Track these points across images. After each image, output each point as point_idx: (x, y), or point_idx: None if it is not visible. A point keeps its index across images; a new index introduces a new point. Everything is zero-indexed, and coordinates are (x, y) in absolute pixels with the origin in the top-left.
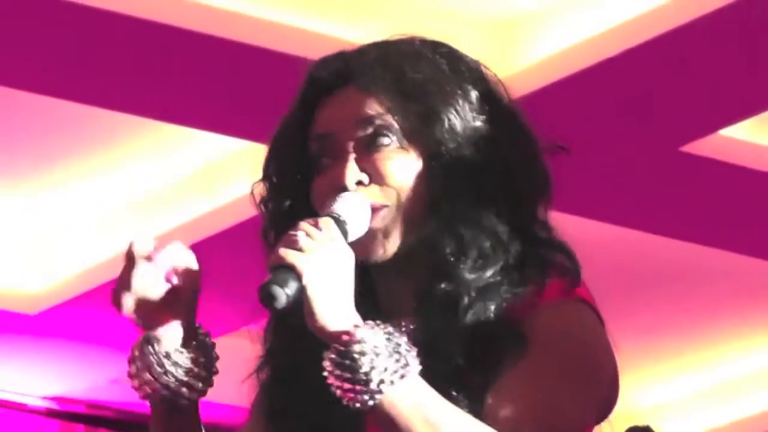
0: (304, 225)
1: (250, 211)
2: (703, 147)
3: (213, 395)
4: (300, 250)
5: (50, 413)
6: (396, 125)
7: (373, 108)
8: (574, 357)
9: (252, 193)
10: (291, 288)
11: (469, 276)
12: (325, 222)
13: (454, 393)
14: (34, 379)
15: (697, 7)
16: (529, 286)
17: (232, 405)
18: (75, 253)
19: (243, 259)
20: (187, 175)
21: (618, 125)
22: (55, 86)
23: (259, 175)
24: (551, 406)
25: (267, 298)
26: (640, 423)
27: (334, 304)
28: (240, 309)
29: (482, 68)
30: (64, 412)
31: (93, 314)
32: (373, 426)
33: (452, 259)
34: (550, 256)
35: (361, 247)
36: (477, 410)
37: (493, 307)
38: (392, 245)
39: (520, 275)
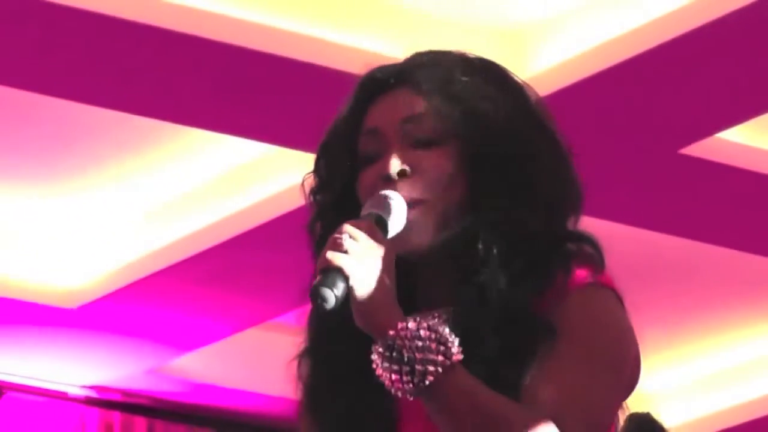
0: (349, 228)
1: (276, 211)
2: (700, 149)
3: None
4: (345, 252)
5: (89, 401)
6: (440, 124)
7: (420, 107)
8: (602, 340)
9: (302, 185)
10: (339, 289)
11: (500, 267)
12: (368, 223)
13: (489, 380)
14: (74, 369)
15: (695, 18)
16: (557, 276)
17: (263, 394)
18: (112, 251)
19: (271, 256)
20: (216, 177)
21: (621, 129)
22: (91, 94)
23: (282, 178)
24: (586, 392)
25: (318, 299)
26: (640, 409)
27: (379, 302)
28: (269, 301)
29: (526, 86)
30: (102, 400)
31: (129, 308)
32: (410, 418)
33: (485, 251)
34: (577, 248)
35: (401, 241)
36: (513, 397)
37: (523, 296)
38: (430, 238)
39: (548, 265)
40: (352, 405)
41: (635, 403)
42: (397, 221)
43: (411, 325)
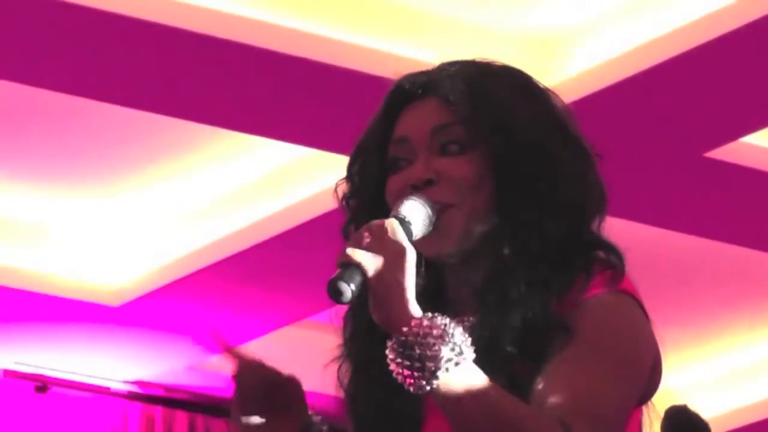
0: (372, 225)
1: (313, 213)
2: (725, 153)
3: None
4: (366, 248)
5: (132, 396)
6: (467, 134)
7: (448, 117)
8: (616, 347)
9: (336, 190)
10: (356, 283)
11: (521, 272)
12: (391, 223)
13: (505, 381)
14: (117, 365)
15: (719, 26)
16: (576, 281)
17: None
18: (154, 251)
19: (308, 255)
20: (255, 179)
21: (648, 133)
22: (140, 100)
23: (320, 180)
24: (595, 395)
25: (334, 293)
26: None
27: (395, 298)
28: (305, 300)
29: (550, 93)
30: (145, 395)
31: (170, 306)
32: (434, 413)
33: (507, 256)
34: (598, 254)
35: (429, 245)
36: (525, 397)
37: (541, 300)
38: (457, 243)
39: (568, 271)
40: (382, 404)
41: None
42: (423, 224)
43: (425, 322)
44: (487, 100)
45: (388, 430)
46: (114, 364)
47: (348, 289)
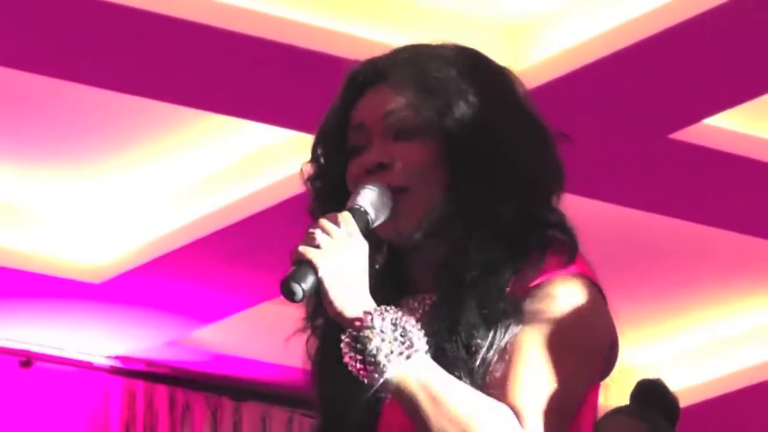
0: (323, 222)
1: (291, 191)
2: (689, 134)
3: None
4: (317, 246)
5: (113, 371)
6: (417, 118)
7: (398, 102)
8: (571, 333)
9: (301, 171)
10: (308, 282)
11: (475, 254)
12: (343, 217)
13: (463, 362)
14: (99, 341)
15: (682, 10)
16: (531, 261)
17: (278, 364)
18: (134, 230)
19: (286, 233)
20: (235, 159)
21: (614, 116)
22: (119, 82)
23: (299, 160)
24: (548, 382)
25: (287, 293)
26: (625, 382)
27: (347, 294)
28: (279, 277)
29: (504, 70)
30: (126, 369)
31: (151, 283)
32: (390, 409)
33: (462, 238)
34: (552, 235)
35: (389, 227)
36: (483, 380)
37: (496, 282)
38: (414, 226)
39: (522, 253)
40: (343, 386)
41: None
42: (380, 210)
43: (375, 315)
44: (434, 83)
45: (348, 410)
46: (96, 340)
47: (299, 289)
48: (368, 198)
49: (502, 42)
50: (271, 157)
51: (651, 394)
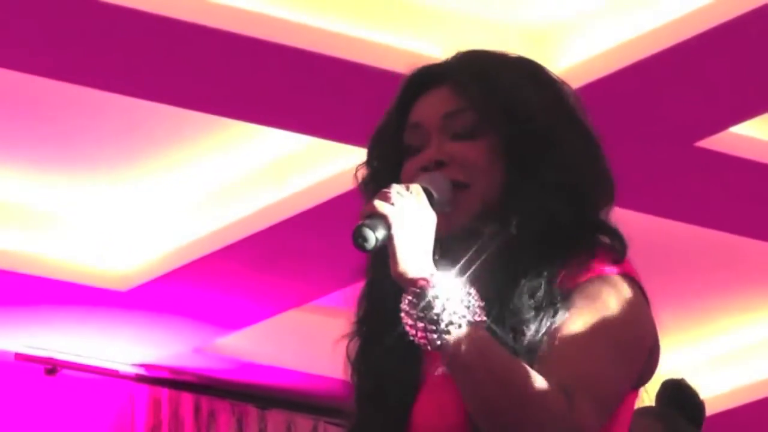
0: (397, 186)
1: (317, 199)
2: (715, 143)
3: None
4: (392, 204)
5: (139, 378)
6: (478, 119)
7: (459, 103)
8: (617, 327)
9: (356, 174)
10: (380, 233)
11: (528, 249)
12: (415, 187)
13: (510, 346)
14: (124, 348)
15: (709, 19)
16: (580, 260)
17: (303, 372)
18: (160, 237)
19: (311, 241)
20: (261, 167)
21: (641, 123)
22: (147, 90)
23: (325, 168)
24: (596, 371)
25: (359, 238)
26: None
27: (415, 253)
28: (309, 284)
29: (560, 82)
30: (151, 377)
31: (177, 290)
32: (428, 389)
33: (515, 233)
34: (601, 238)
35: (443, 222)
36: (528, 364)
37: (545, 273)
38: (468, 222)
39: (572, 250)
40: (380, 376)
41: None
42: (441, 198)
43: (442, 278)
44: (496, 87)
45: (381, 401)
46: (121, 348)
47: (372, 236)
48: (435, 182)
49: (526, 50)
50: (297, 165)
51: (672, 394)
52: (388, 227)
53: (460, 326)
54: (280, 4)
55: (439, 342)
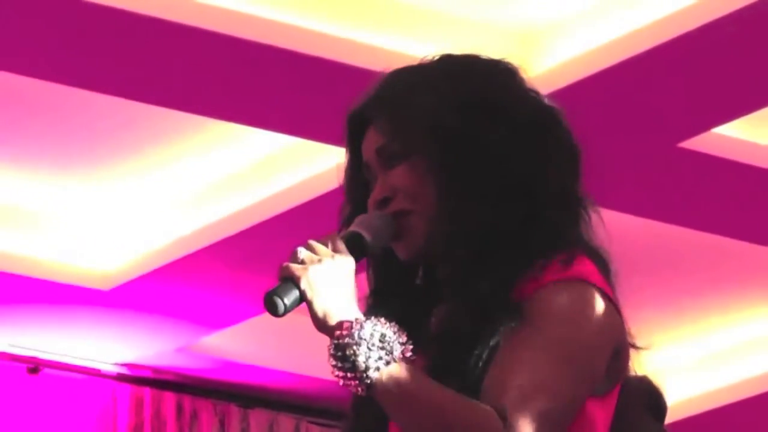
0: (310, 241)
1: (300, 199)
2: (698, 143)
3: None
4: (301, 262)
5: (121, 378)
6: (400, 145)
7: (382, 138)
8: (565, 337)
9: (341, 210)
10: (291, 297)
11: (469, 263)
12: (330, 237)
13: (462, 368)
14: (107, 347)
15: (692, 19)
16: (529, 270)
17: (287, 371)
18: (143, 237)
19: (294, 240)
20: (243, 167)
21: (624, 124)
22: (127, 89)
23: (308, 168)
24: (538, 387)
25: (269, 306)
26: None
27: (330, 306)
28: None
29: (497, 69)
30: (134, 376)
31: (159, 290)
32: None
33: (456, 249)
34: (551, 241)
35: (398, 249)
36: (479, 385)
37: (490, 288)
38: (421, 244)
39: (519, 260)
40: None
41: None
42: (380, 232)
43: (355, 325)
44: (415, 111)
45: (365, 406)
46: (104, 347)
47: (281, 303)
48: (362, 222)
49: (512, 49)
50: (280, 165)
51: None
52: (299, 286)
53: (377, 369)
54: (264, 4)
55: (360, 388)
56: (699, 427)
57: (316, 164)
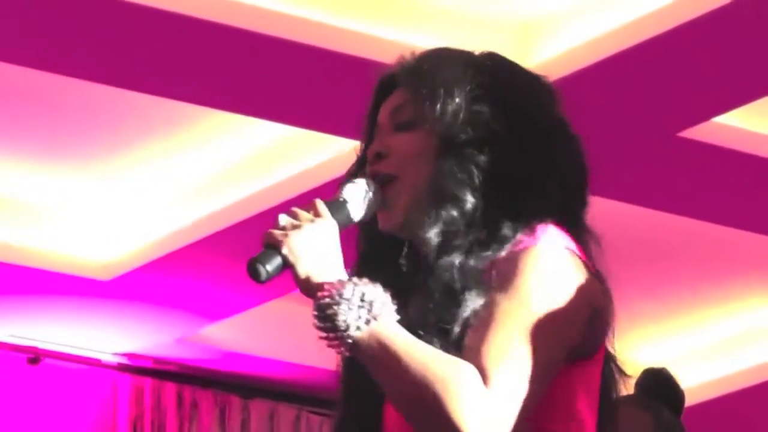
0: (292, 208)
1: (299, 189)
2: (697, 133)
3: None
4: (283, 229)
5: (121, 368)
6: (414, 112)
7: (400, 102)
8: (527, 301)
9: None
10: (273, 263)
11: (441, 243)
12: (315, 203)
13: (442, 333)
14: (107, 337)
15: (691, 9)
16: (504, 245)
17: (286, 361)
18: (143, 227)
19: None
20: (242, 157)
21: (623, 113)
22: (127, 80)
23: (308, 157)
24: (516, 347)
25: (252, 273)
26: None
27: (311, 269)
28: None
29: (530, 81)
30: (134, 367)
31: (160, 280)
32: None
33: (429, 224)
34: (528, 218)
35: (382, 220)
36: (460, 344)
37: (458, 264)
38: (403, 215)
39: (490, 240)
40: (355, 374)
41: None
42: (365, 201)
43: (336, 286)
44: (435, 82)
45: (357, 394)
46: (104, 337)
47: (263, 270)
48: (349, 189)
49: (510, 40)
50: (280, 155)
51: (656, 383)
52: (281, 253)
53: (358, 328)
54: None
55: (342, 348)
56: (695, 417)
57: (315, 155)
